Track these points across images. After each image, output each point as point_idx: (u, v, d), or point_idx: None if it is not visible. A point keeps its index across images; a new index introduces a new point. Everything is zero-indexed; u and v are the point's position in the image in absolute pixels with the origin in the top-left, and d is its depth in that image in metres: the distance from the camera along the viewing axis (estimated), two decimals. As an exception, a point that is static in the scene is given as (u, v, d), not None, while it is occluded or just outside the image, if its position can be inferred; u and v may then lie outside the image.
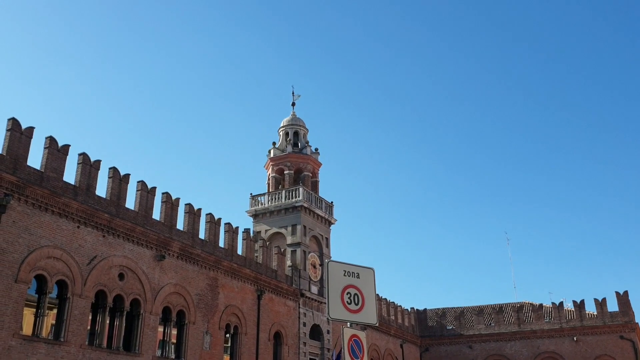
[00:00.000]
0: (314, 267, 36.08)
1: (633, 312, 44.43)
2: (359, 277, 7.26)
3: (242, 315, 29.06)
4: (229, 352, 28.42)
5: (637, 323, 44.65)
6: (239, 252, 30.17)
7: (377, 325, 8.71)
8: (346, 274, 7.21)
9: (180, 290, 25.45)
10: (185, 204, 27.33)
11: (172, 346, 25.12)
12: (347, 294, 7.09)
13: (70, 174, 23.88)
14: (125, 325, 22.72)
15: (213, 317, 27.12)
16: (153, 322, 23.81)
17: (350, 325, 7.00)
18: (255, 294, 30.38)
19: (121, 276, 22.68)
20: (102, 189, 22.96)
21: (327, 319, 6.89)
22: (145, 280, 23.68)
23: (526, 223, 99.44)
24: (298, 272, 34.25)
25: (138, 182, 24.89)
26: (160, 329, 24.62)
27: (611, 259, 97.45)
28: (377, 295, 44.42)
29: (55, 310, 20.51)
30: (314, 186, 38.93)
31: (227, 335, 28.39)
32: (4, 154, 19.19)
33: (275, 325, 31.37)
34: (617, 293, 45.00)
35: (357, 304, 7.08)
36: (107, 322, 22.09)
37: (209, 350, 26.46)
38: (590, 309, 45.45)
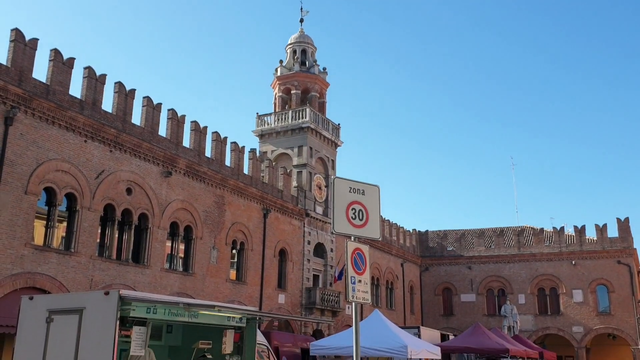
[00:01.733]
0: (320, 188, 36.46)
1: (632, 238, 45.16)
2: (364, 194, 7.31)
3: (249, 232, 29.70)
4: (235, 267, 29.29)
5: (636, 249, 45.51)
6: (245, 171, 30.42)
7: (380, 239, 8.89)
8: (352, 190, 7.25)
9: (187, 207, 25.90)
10: (191, 122, 27.29)
11: (180, 260, 25.88)
12: (351, 209, 7.16)
13: (75, 88, 23.70)
14: (133, 238, 23.32)
15: (220, 233, 27.74)
16: (161, 236, 24.40)
17: (354, 240, 7.12)
18: (261, 213, 30.90)
19: (129, 191, 23.02)
20: (107, 104, 22.89)
21: (332, 232, 7.02)
22: (153, 196, 24.05)
23: (531, 148, 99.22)
24: (304, 192, 34.66)
25: (144, 97, 24.74)
26: (168, 243, 25.28)
27: (614, 186, 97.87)
28: (381, 216, 45.09)
29: (65, 223, 21.01)
30: (321, 107, 38.63)
31: (234, 250, 29.15)
32: (9, 66, 19.00)
33: (280, 242, 32.13)
34: (618, 219, 45.57)
35: (361, 220, 7.17)
36: (116, 235, 22.65)
37: (216, 264, 27.26)
38: (591, 234, 46.19)
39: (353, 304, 6.96)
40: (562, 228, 47.45)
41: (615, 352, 44.05)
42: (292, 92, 38.17)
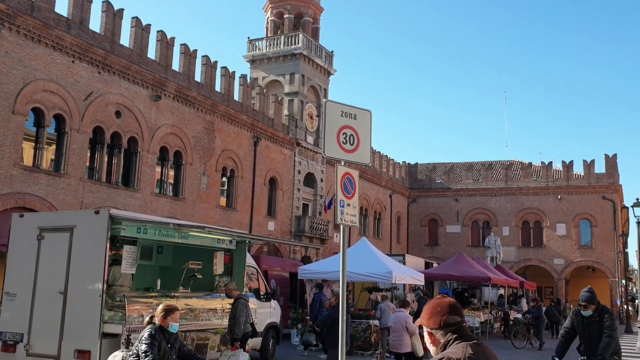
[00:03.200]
0: (311, 117, 36.21)
1: (618, 175, 45.78)
2: (355, 119, 7.25)
3: (239, 160, 29.71)
4: (225, 194, 29.48)
5: (621, 185, 46.25)
6: (236, 97, 30.05)
7: (369, 165, 8.91)
8: (343, 114, 7.18)
9: (176, 132, 25.72)
10: (181, 44, 26.66)
11: (170, 185, 25.98)
12: (343, 134, 7.12)
13: (61, 7, 22.88)
14: (123, 162, 23.27)
15: (210, 159, 27.73)
16: (151, 160, 24.36)
17: (344, 164, 7.12)
18: (251, 140, 30.79)
19: (118, 114, 22.76)
20: (95, 24, 22.24)
21: (323, 156, 6.98)
22: (142, 119, 23.81)
23: (524, 82, 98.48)
24: (295, 121, 34.44)
25: (132, 18, 24.03)
26: (158, 168, 25.27)
27: (604, 123, 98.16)
28: (371, 148, 45.08)
29: (54, 146, 20.87)
30: (315, 33, 37.74)
31: (224, 178, 29.25)
32: (-10, -20, 18.24)
33: (270, 171, 32.22)
34: (606, 155, 45.97)
35: (352, 144, 7.14)
36: (106, 158, 22.58)
37: (206, 190, 27.41)
38: (578, 170, 46.72)
39: (341, 226, 7.05)
40: (550, 163, 47.88)
41: (593, 284, 44.68)
42: (284, 16, 37.14)
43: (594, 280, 45.72)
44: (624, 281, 43.16)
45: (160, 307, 6.90)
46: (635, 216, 25.75)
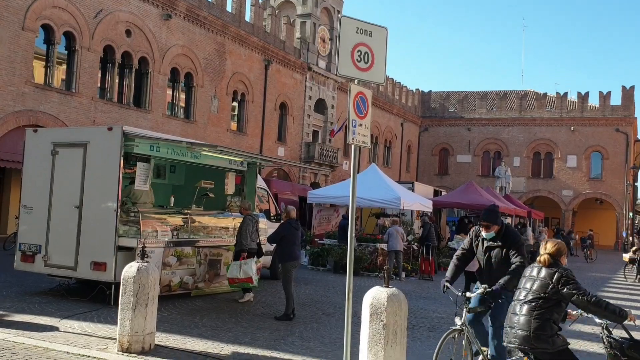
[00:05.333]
0: (323, 41, 35.44)
1: (634, 107, 45.02)
2: (371, 36, 7.06)
3: (249, 84, 29.43)
4: (235, 119, 29.42)
5: (636, 118, 45.55)
6: (247, 19, 29.39)
7: (384, 84, 8.79)
8: (359, 31, 6.99)
9: (187, 53, 25.37)
10: (192, -38, 25.83)
11: (181, 108, 25.91)
12: (357, 51, 6.95)
13: None
14: (134, 82, 23.15)
15: (220, 82, 27.48)
16: (162, 81, 24.18)
17: (358, 83, 7.02)
18: (262, 64, 30.36)
19: (128, 32, 22.41)
20: (102, -64, 21.48)
21: (336, 74, 6.87)
22: (153, 39, 23.46)
23: (545, 10, 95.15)
24: (307, 45, 33.76)
25: None
26: (169, 90, 25.14)
27: (623, 54, 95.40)
28: (385, 74, 44.31)
29: (64, 65, 20.72)
30: (329, -47, 36.27)
31: (234, 102, 29.09)
32: None
33: (281, 96, 31.95)
34: (623, 87, 45.02)
35: (366, 63, 6.99)
36: (117, 78, 22.45)
37: (217, 113, 27.35)
38: (594, 101, 45.93)
39: (352, 147, 7.03)
40: (566, 94, 47.06)
41: (599, 216, 45.91)
42: None
43: (600, 212, 46.08)
44: (631, 214, 43.34)
45: None
46: (648, 148, 25.44)
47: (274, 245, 10.62)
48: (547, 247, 4.93)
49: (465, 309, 5.80)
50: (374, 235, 19.53)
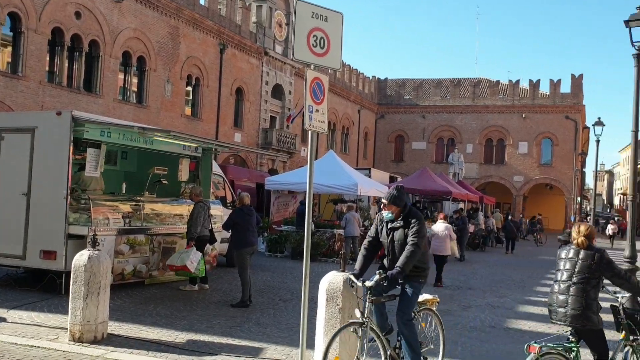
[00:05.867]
0: (280, 25, 35.15)
1: (583, 95, 46.50)
2: (326, 21, 7.03)
3: (204, 68, 28.95)
4: (190, 104, 28.93)
5: (584, 105, 47.08)
6: (202, 2, 28.83)
7: (339, 69, 8.76)
8: (314, 16, 6.94)
9: (140, 36, 24.75)
10: (144, -58, 25.10)
11: (134, 93, 25.30)
12: (313, 36, 6.91)
13: None
14: (85, 66, 22.44)
15: (174, 66, 26.95)
16: (113, 65, 23.53)
17: (314, 68, 6.99)
18: (217, 48, 29.90)
19: (78, 14, 21.67)
20: None
21: (292, 59, 6.80)
22: (104, 22, 22.76)
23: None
24: (263, 29, 33.42)
25: None
26: (121, 75, 24.49)
27: (573, 43, 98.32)
28: (341, 60, 44.36)
29: (10, 48, 19.91)
30: (285, -64, 35.89)
31: (189, 86, 28.58)
32: None
33: (237, 81, 31.58)
34: (573, 75, 46.41)
35: (322, 48, 6.96)
36: (66, 61, 21.71)
37: (170, 98, 26.83)
38: (544, 89, 47.18)
39: (309, 132, 7.01)
40: (518, 82, 48.17)
41: (549, 201, 47.39)
42: None
43: (550, 197, 47.58)
44: (579, 199, 44.91)
45: None
46: (595, 135, 26.41)
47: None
48: (580, 230, 5.20)
49: (368, 300, 5.25)
50: (331, 221, 19.64)
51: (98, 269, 6.56)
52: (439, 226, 14.06)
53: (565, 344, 5.00)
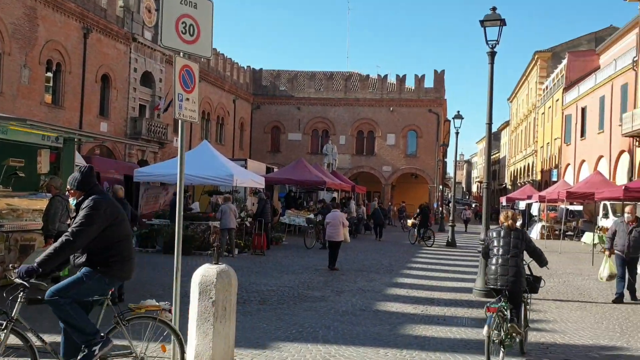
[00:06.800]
0: (149, 11, 33.73)
1: (444, 90, 49.77)
2: (196, 8, 6.88)
3: (66, 53, 27.02)
4: (51, 91, 26.89)
5: (446, 99, 50.43)
6: (62, -19, 26.84)
7: (210, 58, 8.62)
8: (183, 2, 6.77)
9: (-10, 15, 22.53)
10: None
11: (-16, 77, 23.01)
12: (182, 23, 6.74)
13: None
14: None
15: (32, 50, 24.87)
16: (-42, 47, 21.22)
17: (184, 56, 6.82)
18: (80, 32, 28.03)
19: None
20: None
21: (160, 45, 6.57)
22: (-55, -2, 20.40)
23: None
24: (131, 14, 31.86)
25: None
26: (-32, 57, 22.17)
27: (437, 40, 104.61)
28: (215, 49, 43.72)
29: None
30: None
31: (49, 72, 26.53)
32: None
33: (103, 67, 29.86)
34: (435, 71, 49.48)
35: (192, 35, 6.80)
36: None
37: (28, 84, 24.76)
38: (410, 84, 49.80)
39: (180, 122, 6.85)
40: (386, 76, 50.44)
41: (415, 189, 50.28)
42: None
43: (415, 185, 50.51)
44: (441, 187, 48.09)
45: None
46: (455, 127, 28.35)
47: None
48: (508, 215, 6.92)
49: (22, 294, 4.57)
50: (206, 213, 19.31)
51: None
52: (333, 214, 15.12)
53: (501, 304, 6.36)
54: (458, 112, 28.10)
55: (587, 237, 23.07)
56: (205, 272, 5.66)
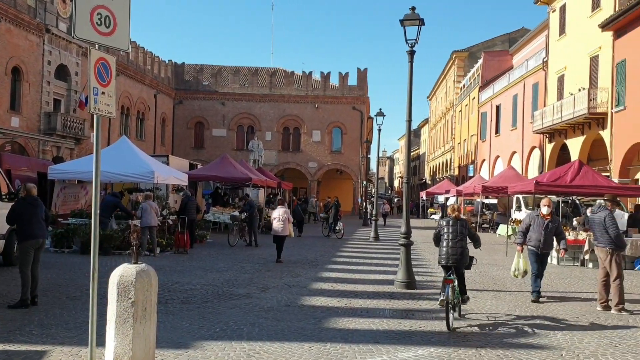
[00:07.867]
0: (64, 1, 32.18)
1: (367, 88, 50.66)
2: (112, -1, 6.65)
3: (-29, 42, 25.31)
4: (-46, 82, 25.12)
5: (369, 97, 51.36)
6: (-34, -34, 25.13)
7: (128, 51, 8.35)
8: (98, -8, 6.52)
9: None
10: None
11: None
12: (97, 14, 6.47)
13: None
14: None
15: None
16: None
17: (99, 48, 6.57)
18: (-12, 21, 26.35)
19: None
20: None
21: (73, 36, 6.29)
22: None
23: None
24: (44, 4, 30.28)
25: None
26: None
27: (360, 38, 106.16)
28: (134, 42, 42.31)
29: None
30: None
31: (-48, 62, 24.79)
32: None
33: (14, 59, 28.22)
34: (358, 69, 50.30)
35: (108, 27, 6.56)
36: None
37: None
38: (334, 81, 50.34)
39: (95, 116, 6.60)
40: (311, 73, 50.69)
41: (340, 185, 50.95)
42: None
43: (340, 181, 51.18)
44: (365, 182, 48.98)
45: None
46: (377, 124, 28.94)
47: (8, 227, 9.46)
48: (454, 208, 9.05)
49: None
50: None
51: None
52: (279, 211, 15.91)
53: (453, 277, 8.21)
54: (380, 109, 28.74)
55: (502, 230, 24.25)
56: (123, 272, 5.49)
